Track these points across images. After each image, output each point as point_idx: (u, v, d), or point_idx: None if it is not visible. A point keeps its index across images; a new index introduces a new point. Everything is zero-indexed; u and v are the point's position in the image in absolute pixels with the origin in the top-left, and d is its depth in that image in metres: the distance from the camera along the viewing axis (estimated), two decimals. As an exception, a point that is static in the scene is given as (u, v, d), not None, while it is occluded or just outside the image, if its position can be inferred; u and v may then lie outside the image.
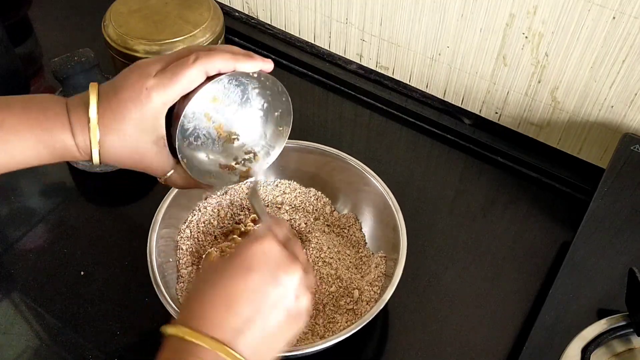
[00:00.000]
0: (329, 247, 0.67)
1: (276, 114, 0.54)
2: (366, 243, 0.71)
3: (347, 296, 0.65)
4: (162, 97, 0.48)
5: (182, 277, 0.67)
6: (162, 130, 0.49)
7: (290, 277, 0.45)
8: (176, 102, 0.49)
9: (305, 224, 0.71)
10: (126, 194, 0.80)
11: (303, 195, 0.75)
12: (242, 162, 0.55)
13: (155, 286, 0.60)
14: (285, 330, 0.46)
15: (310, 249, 0.67)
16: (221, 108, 0.52)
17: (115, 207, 0.78)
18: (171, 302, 0.59)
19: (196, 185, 0.54)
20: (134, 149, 0.50)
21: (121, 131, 0.49)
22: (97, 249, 0.72)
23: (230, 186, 0.72)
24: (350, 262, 0.69)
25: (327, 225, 0.72)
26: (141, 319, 0.66)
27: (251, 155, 0.55)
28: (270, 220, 0.50)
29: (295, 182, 0.76)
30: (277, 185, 0.75)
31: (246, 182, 0.72)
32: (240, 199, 0.74)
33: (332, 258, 0.67)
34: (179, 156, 0.50)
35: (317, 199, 0.74)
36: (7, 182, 0.80)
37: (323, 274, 0.65)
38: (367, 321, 0.58)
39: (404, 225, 0.65)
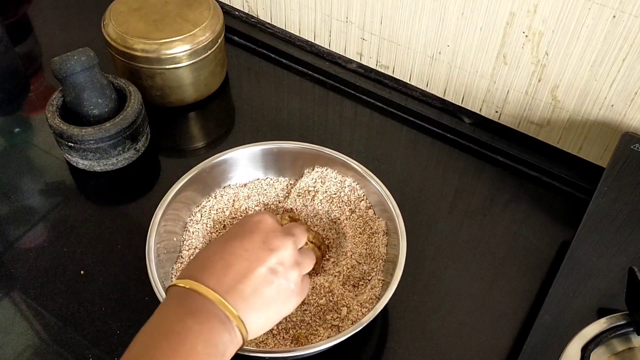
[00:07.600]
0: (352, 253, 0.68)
1: None
2: (384, 263, 0.67)
3: (335, 312, 0.63)
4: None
5: (181, 257, 0.67)
6: None
7: (279, 244, 0.52)
8: None
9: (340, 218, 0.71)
10: (126, 192, 0.80)
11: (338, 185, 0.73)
12: None
13: (147, 264, 0.61)
14: (276, 297, 0.50)
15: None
16: None
17: (115, 206, 0.78)
18: (157, 284, 0.60)
19: None
20: None
21: None
22: (97, 248, 0.72)
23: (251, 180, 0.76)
24: (351, 275, 0.67)
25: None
26: (141, 318, 0.65)
27: None
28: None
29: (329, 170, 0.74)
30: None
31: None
32: (258, 194, 0.74)
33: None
34: None
35: (351, 191, 0.73)
36: (7, 182, 0.80)
37: (316, 284, 0.64)
38: (345, 337, 0.58)
39: (404, 225, 0.65)
